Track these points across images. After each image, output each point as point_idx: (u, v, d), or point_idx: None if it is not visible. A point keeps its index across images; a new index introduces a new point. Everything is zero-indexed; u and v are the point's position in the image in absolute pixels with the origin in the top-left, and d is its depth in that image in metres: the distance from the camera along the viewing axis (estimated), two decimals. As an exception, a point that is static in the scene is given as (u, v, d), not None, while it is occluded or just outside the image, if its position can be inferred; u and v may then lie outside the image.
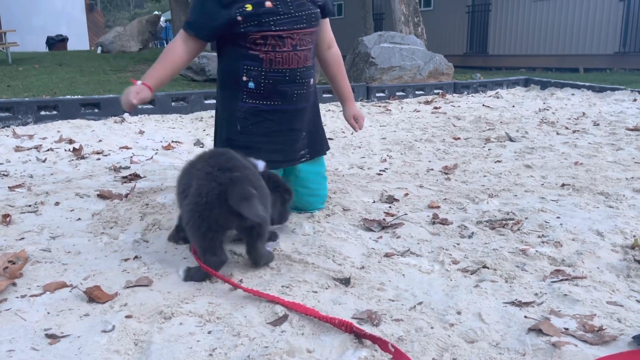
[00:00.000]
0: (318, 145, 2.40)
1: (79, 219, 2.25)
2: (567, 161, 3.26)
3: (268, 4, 2.05)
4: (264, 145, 2.19)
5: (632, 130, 4.25)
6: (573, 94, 6.82)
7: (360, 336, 1.32)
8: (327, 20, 2.38)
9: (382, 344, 1.27)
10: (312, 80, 2.27)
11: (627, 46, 11.22)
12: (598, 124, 4.58)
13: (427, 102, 6.30)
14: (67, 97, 4.95)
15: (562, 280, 1.64)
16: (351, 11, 16.80)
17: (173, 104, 5.16)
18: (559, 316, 1.42)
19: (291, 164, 2.29)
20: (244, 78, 2.14)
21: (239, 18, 2.05)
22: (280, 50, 2.10)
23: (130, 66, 9.99)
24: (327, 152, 2.45)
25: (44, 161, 3.29)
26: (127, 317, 1.43)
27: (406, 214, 2.28)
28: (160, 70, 2.13)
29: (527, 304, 1.49)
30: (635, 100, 6.13)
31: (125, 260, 1.83)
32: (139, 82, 2.06)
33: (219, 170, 1.67)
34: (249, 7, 2.04)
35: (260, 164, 1.95)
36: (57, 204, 2.43)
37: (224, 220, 1.63)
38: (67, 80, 7.41)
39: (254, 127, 2.19)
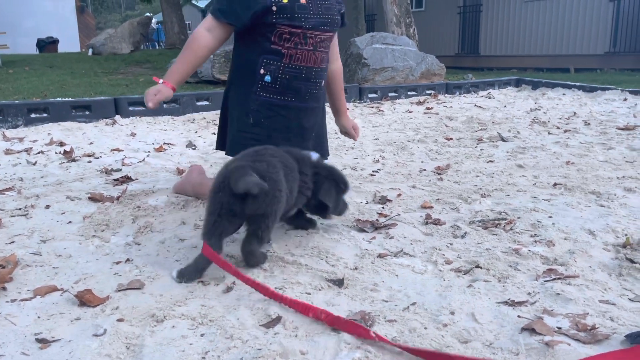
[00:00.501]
0: (324, 148, 2.47)
1: (70, 222, 2.23)
2: (558, 161, 3.27)
3: (303, 0, 2.11)
4: (274, 140, 2.20)
5: (622, 129, 4.28)
6: (564, 94, 6.86)
7: (341, 324, 1.35)
8: (336, 34, 2.41)
9: (363, 331, 1.30)
10: (323, 82, 2.33)
11: (617, 46, 11.31)
12: (589, 124, 4.60)
13: (420, 103, 6.32)
14: (58, 99, 4.92)
15: (554, 279, 1.65)
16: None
17: (165, 105, 5.13)
18: (552, 315, 1.43)
19: None
20: (262, 71, 2.17)
21: (274, 8, 2.08)
22: (301, 48, 2.16)
23: (121, 68, 9.94)
24: (327, 157, 2.50)
25: (34, 164, 3.27)
26: (119, 320, 1.42)
27: (399, 214, 2.28)
28: (183, 64, 2.15)
29: (520, 303, 1.49)
30: (625, 99, 6.17)
31: (117, 263, 1.81)
32: (160, 82, 2.07)
33: (248, 161, 1.75)
34: (285, 0, 2.08)
35: (314, 155, 2.03)
36: (47, 207, 2.41)
37: (227, 204, 1.67)
38: (57, 82, 7.36)
39: (267, 120, 2.22)
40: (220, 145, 2.44)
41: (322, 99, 2.39)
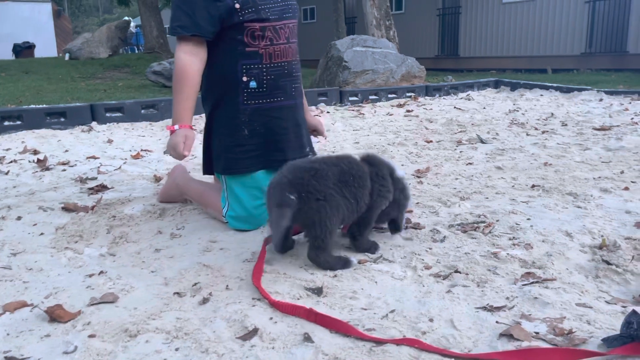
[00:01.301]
0: (312, 143, 2.42)
1: (42, 233, 2.18)
2: (536, 162, 3.30)
3: None
4: (275, 144, 2.18)
5: (598, 130, 4.33)
6: (542, 95, 6.95)
7: (278, 307, 1.45)
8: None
9: (303, 312, 1.37)
10: (300, 75, 2.30)
11: (592, 47, 11.51)
12: (566, 124, 4.66)
13: (400, 106, 6.34)
14: (32, 106, 4.83)
15: (532, 283, 1.65)
16: (323, 15, 16.85)
17: (143, 111, 5.07)
18: (530, 320, 1.42)
19: None
20: (244, 78, 2.11)
21: (237, 6, 2.04)
22: (277, 43, 2.12)
23: (99, 73, 9.81)
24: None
25: (6, 173, 3.19)
26: (90, 336, 1.38)
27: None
28: (187, 101, 2.05)
29: (498, 308, 1.49)
30: (601, 100, 6.27)
31: (90, 276, 1.77)
32: (176, 127, 2.01)
33: (287, 175, 1.79)
34: None
35: (400, 172, 2.02)
36: (19, 218, 2.35)
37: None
38: (33, 88, 7.24)
39: (263, 128, 2.17)
40: (208, 169, 2.33)
41: (302, 94, 2.36)
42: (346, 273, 1.76)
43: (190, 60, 2.05)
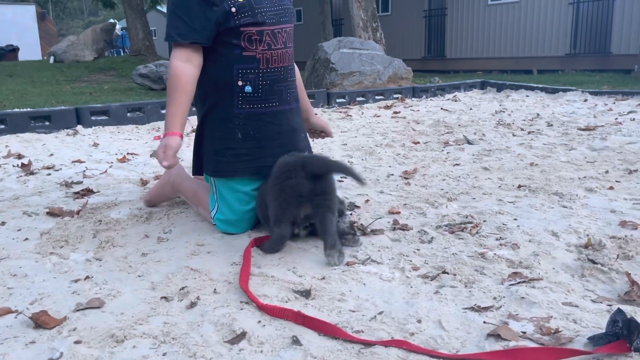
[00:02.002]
0: (310, 147, 2.40)
1: (27, 239, 2.15)
2: (522, 162, 3.33)
3: None
4: (269, 149, 2.15)
5: (583, 130, 4.39)
6: (527, 96, 7.01)
7: (266, 310, 1.47)
8: None
9: (291, 315, 1.39)
10: (295, 80, 2.28)
11: (577, 48, 11.64)
12: (551, 125, 4.71)
13: (387, 107, 6.36)
14: (16, 110, 4.77)
15: (519, 282, 1.66)
16: (310, 17, 16.87)
17: (129, 114, 5.04)
18: (517, 320, 1.43)
19: None
20: (240, 82, 2.08)
21: (233, 10, 2.01)
22: (275, 48, 2.10)
23: (84, 76, 9.73)
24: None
25: (-10, 178, 3.15)
26: (76, 342, 1.36)
27: (372, 225, 2.27)
28: (178, 106, 2.01)
29: (486, 308, 1.50)
30: (585, 100, 6.34)
31: (76, 281, 1.75)
32: (161, 135, 1.98)
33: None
34: None
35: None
36: (2, 223, 2.32)
37: (297, 186, 1.89)
38: (17, 92, 7.16)
39: (256, 132, 2.14)
40: (197, 170, 2.32)
41: (299, 97, 2.33)
42: (334, 275, 1.76)
43: (184, 67, 2.01)
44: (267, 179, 2.03)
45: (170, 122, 2.02)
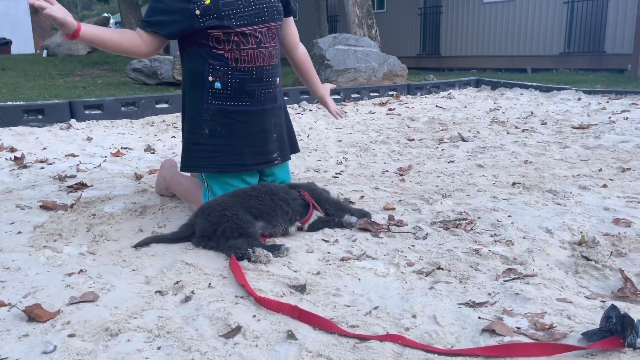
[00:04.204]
0: (290, 146, 2.42)
1: (20, 232, 2.13)
2: (517, 160, 3.34)
3: None
4: (235, 148, 2.15)
5: (577, 128, 4.40)
6: (522, 94, 7.04)
7: (264, 304, 1.46)
8: (291, 20, 2.37)
9: (288, 309, 1.39)
10: (278, 79, 2.24)
11: (571, 47, 11.68)
12: (545, 123, 4.72)
13: (382, 104, 6.36)
14: (9, 103, 4.72)
15: (514, 279, 1.66)
16: (306, 13, 16.82)
17: (123, 109, 5.01)
18: (511, 315, 1.44)
19: (265, 166, 2.28)
20: (210, 78, 2.09)
21: (197, 12, 2.00)
22: (244, 48, 2.07)
23: (78, 70, 9.65)
24: (297, 152, 2.51)
25: (-18, 171, 3.12)
26: (70, 336, 1.35)
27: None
28: (105, 30, 2.01)
29: (480, 304, 1.50)
30: (579, 99, 6.37)
31: (69, 274, 1.74)
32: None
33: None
34: (207, 0, 2.01)
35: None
36: (-5, 216, 2.30)
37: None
38: (10, 85, 7.09)
39: (224, 129, 2.13)
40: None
41: (280, 98, 2.31)
42: (329, 270, 1.76)
43: (136, 36, 2.05)
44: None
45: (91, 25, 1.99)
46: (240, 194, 2.04)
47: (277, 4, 2.17)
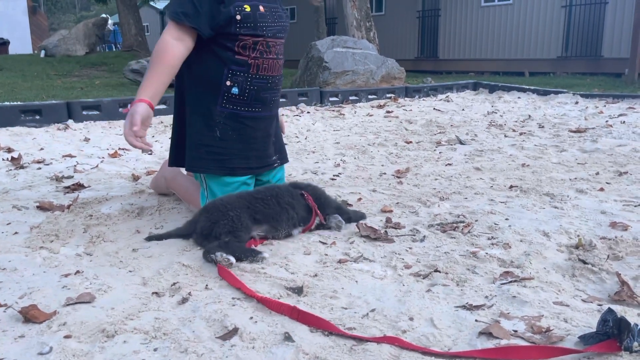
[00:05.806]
0: (284, 151, 2.46)
1: (16, 232, 2.12)
2: (514, 163, 3.35)
3: (262, 8, 2.09)
4: (241, 152, 2.18)
5: (574, 132, 4.42)
6: (519, 97, 7.05)
7: (265, 303, 1.48)
8: None
9: (287, 309, 1.40)
10: (281, 87, 2.34)
11: (568, 51, 11.72)
12: (543, 126, 4.74)
13: (380, 107, 6.37)
14: (6, 103, 4.72)
15: (511, 282, 1.67)
16: (304, 15, 16.84)
17: (121, 109, 5.00)
18: (508, 318, 1.44)
19: (267, 169, 2.32)
20: (228, 83, 2.11)
21: (238, 17, 2.03)
22: (267, 57, 2.14)
23: (76, 70, 9.65)
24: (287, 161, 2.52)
25: (-21, 171, 3.11)
26: (66, 337, 1.35)
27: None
28: (156, 76, 1.97)
29: (477, 307, 1.50)
30: (577, 103, 6.39)
31: (66, 275, 1.73)
32: (128, 106, 1.93)
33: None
34: (247, 8, 2.05)
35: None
36: (-8, 217, 2.29)
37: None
38: (8, 85, 7.08)
39: (234, 133, 2.17)
40: (176, 161, 2.32)
41: (279, 104, 2.41)
42: (326, 272, 1.76)
43: (175, 44, 2.00)
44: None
45: (141, 89, 1.96)
46: (247, 195, 2.04)
47: (288, 24, 2.30)
